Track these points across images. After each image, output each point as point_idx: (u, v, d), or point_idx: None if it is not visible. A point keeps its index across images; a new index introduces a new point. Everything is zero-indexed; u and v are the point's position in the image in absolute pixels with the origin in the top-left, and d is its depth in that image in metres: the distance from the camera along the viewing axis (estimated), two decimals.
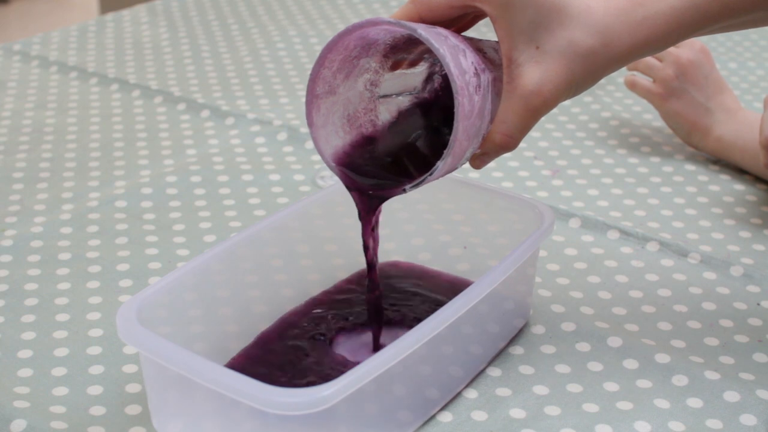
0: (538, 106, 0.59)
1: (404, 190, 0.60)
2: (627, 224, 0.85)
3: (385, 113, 0.64)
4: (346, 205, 0.66)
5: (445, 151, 0.57)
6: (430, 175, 0.58)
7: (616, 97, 1.13)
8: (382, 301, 0.68)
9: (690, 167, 0.97)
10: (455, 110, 0.56)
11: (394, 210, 0.74)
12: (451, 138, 0.56)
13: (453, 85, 0.55)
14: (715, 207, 0.90)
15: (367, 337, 0.68)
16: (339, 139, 0.61)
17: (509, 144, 0.60)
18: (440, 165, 0.57)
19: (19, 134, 1.02)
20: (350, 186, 0.62)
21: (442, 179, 0.66)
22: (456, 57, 0.56)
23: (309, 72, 1.17)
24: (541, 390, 0.65)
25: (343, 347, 0.67)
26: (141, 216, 0.86)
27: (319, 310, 0.71)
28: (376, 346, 0.67)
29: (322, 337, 0.67)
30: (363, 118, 0.63)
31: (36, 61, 1.20)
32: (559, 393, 0.65)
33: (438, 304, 0.61)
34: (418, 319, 0.59)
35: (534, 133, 1.02)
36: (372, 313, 0.68)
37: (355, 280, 0.74)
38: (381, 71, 0.62)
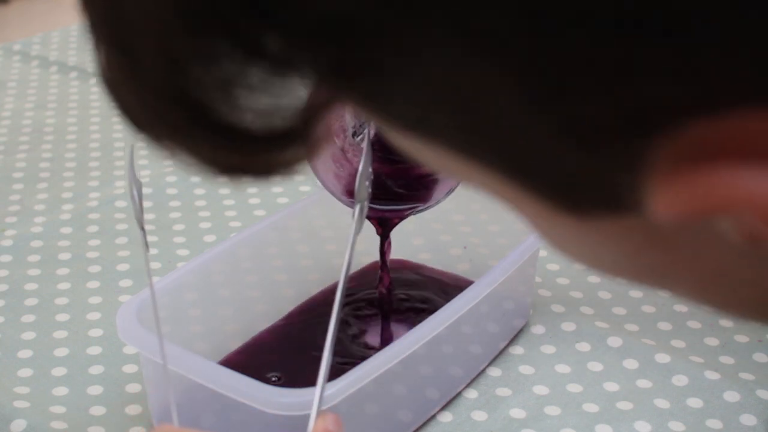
0: None
1: (404, 216, 0.61)
2: None
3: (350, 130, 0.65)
4: None
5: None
6: (429, 207, 0.60)
7: None
8: (392, 298, 0.69)
9: None
10: None
11: None
12: None
13: None
14: None
15: (369, 337, 0.68)
16: (329, 160, 0.62)
17: None
18: (443, 199, 0.59)
19: (19, 134, 1.02)
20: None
21: None
22: None
23: None
24: (541, 390, 0.65)
25: (346, 347, 0.67)
26: None
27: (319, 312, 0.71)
28: (378, 345, 0.67)
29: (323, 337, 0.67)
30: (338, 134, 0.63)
31: (36, 61, 1.20)
32: (559, 393, 0.65)
33: (438, 304, 0.61)
34: (418, 319, 0.59)
35: None
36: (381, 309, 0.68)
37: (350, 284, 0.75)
38: None
